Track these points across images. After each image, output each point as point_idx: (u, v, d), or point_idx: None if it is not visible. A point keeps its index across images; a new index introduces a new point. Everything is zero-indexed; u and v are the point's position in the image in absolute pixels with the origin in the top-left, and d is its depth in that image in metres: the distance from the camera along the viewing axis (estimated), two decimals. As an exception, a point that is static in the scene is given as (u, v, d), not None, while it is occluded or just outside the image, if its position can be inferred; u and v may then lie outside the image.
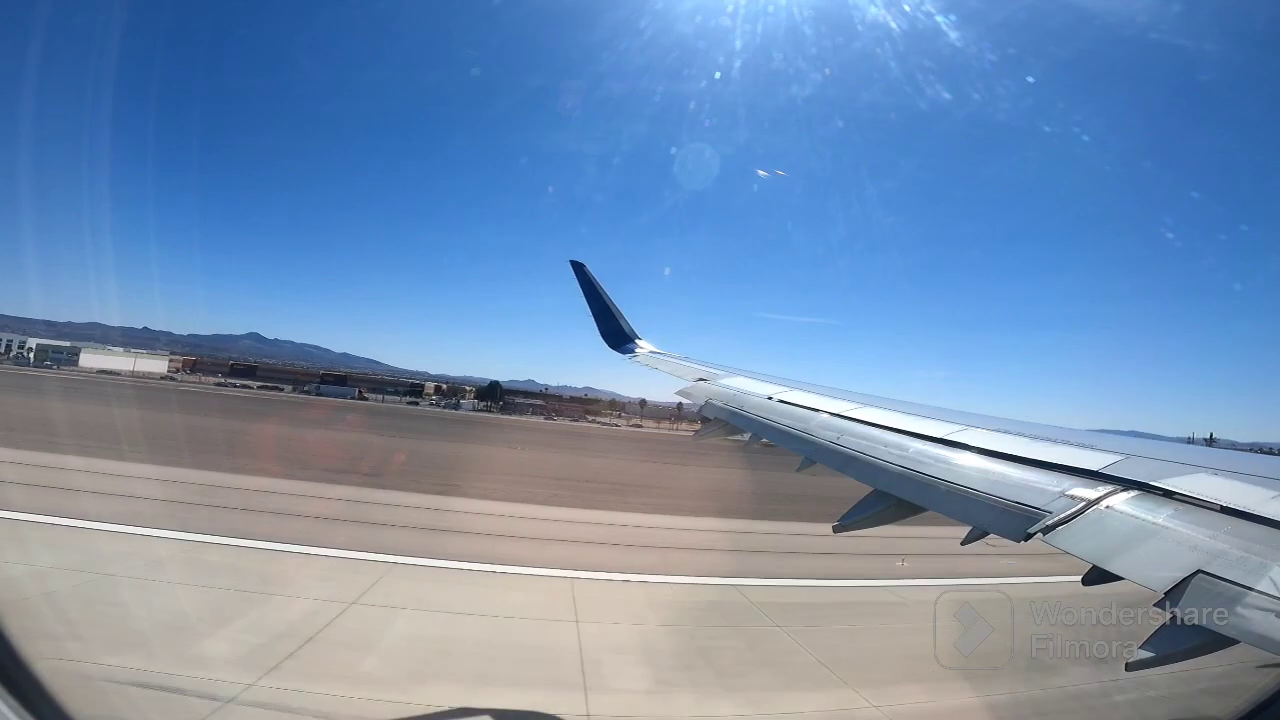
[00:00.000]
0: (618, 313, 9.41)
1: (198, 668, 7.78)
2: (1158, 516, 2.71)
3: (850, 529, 3.77)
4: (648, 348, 9.26)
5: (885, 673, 8.89)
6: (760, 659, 9.70)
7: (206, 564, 12.37)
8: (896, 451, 4.09)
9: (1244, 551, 2.34)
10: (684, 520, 21.90)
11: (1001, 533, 3.02)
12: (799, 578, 14.71)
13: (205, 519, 15.26)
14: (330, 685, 7.77)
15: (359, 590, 11.40)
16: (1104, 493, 2.97)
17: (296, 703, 7.24)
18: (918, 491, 3.60)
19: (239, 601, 10.42)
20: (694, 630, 10.89)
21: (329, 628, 9.69)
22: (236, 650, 8.55)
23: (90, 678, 7.02)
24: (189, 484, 19.50)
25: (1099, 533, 2.73)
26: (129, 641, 8.45)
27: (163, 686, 7.17)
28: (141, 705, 6.79)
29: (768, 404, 6.03)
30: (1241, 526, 2.54)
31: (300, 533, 15.53)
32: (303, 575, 12.21)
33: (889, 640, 10.60)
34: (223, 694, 7.18)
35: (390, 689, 7.89)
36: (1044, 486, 3.18)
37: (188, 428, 36.61)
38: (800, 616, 11.71)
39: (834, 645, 10.09)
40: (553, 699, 7.90)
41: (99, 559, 11.62)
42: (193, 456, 24.41)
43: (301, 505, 18.53)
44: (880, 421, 4.70)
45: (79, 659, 7.44)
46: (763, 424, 5.66)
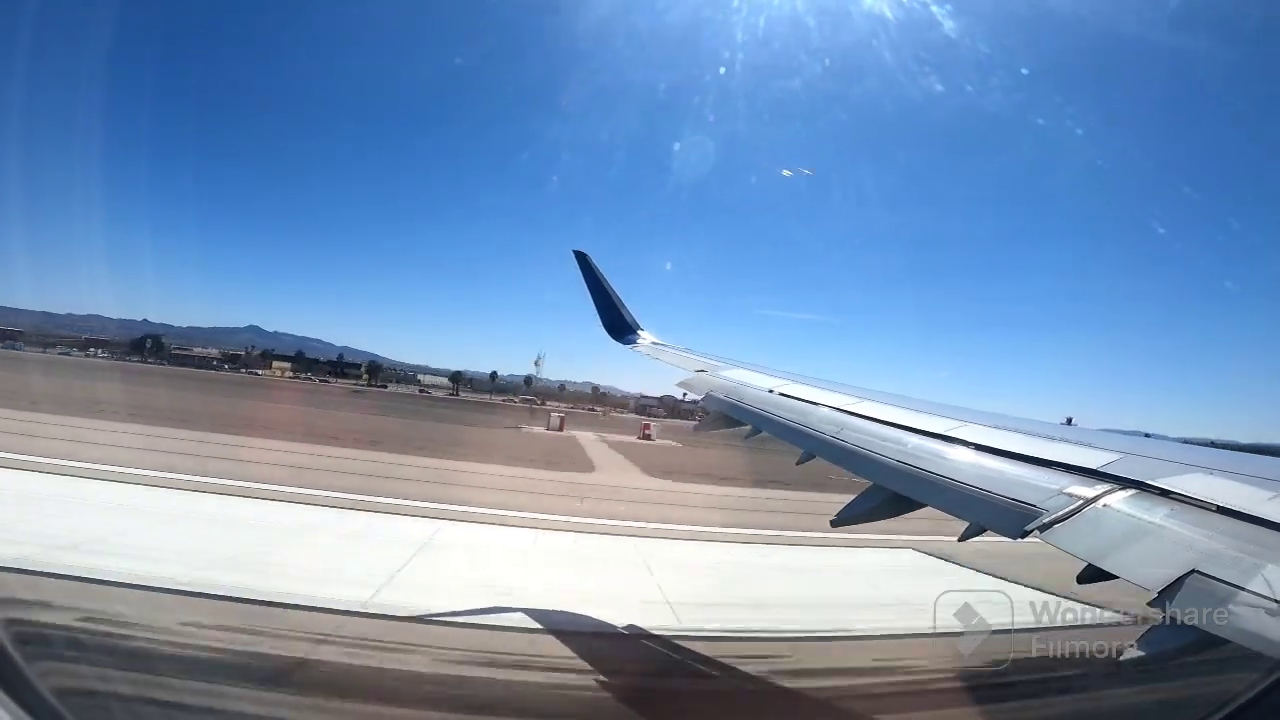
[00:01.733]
0: (620, 303, 9.36)
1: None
2: (1154, 516, 2.72)
3: (848, 523, 3.79)
4: (649, 339, 9.24)
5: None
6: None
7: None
8: (895, 446, 4.11)
9: (1239, 552, 2.35)
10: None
11: (998, 529, 3.04)
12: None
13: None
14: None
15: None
16: (1101, 491, 2.98)
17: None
18: (915, 487, 3.62)
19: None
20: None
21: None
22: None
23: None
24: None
25: (1095, 531, 2.74)
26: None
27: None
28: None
29: (768, 397, 6.04)
30: (1237, 527, 2.56)
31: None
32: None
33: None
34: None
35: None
36: (1041, 484, 3.20)
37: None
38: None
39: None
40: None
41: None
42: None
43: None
44: (879, 416, 4.71)
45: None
46: (763, 417, 5.66)
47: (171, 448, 17.64)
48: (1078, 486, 3.07)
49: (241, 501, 12.70)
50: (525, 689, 5.96)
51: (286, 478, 15.34)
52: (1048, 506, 2.96)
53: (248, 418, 31.33)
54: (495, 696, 5.75)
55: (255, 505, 12.51)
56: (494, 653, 6.53)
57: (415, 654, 6.36)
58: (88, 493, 11.78)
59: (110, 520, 10.19)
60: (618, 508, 16.42)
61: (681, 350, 8.74)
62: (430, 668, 6.09)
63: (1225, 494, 2.73)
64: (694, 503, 18.73)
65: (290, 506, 12.75)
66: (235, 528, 10.83)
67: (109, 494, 11.96)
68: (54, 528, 9.16)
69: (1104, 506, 2.88)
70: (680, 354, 8.58)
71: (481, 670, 6.20)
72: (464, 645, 6.70)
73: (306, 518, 12.10)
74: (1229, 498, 2.69)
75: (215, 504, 12.25)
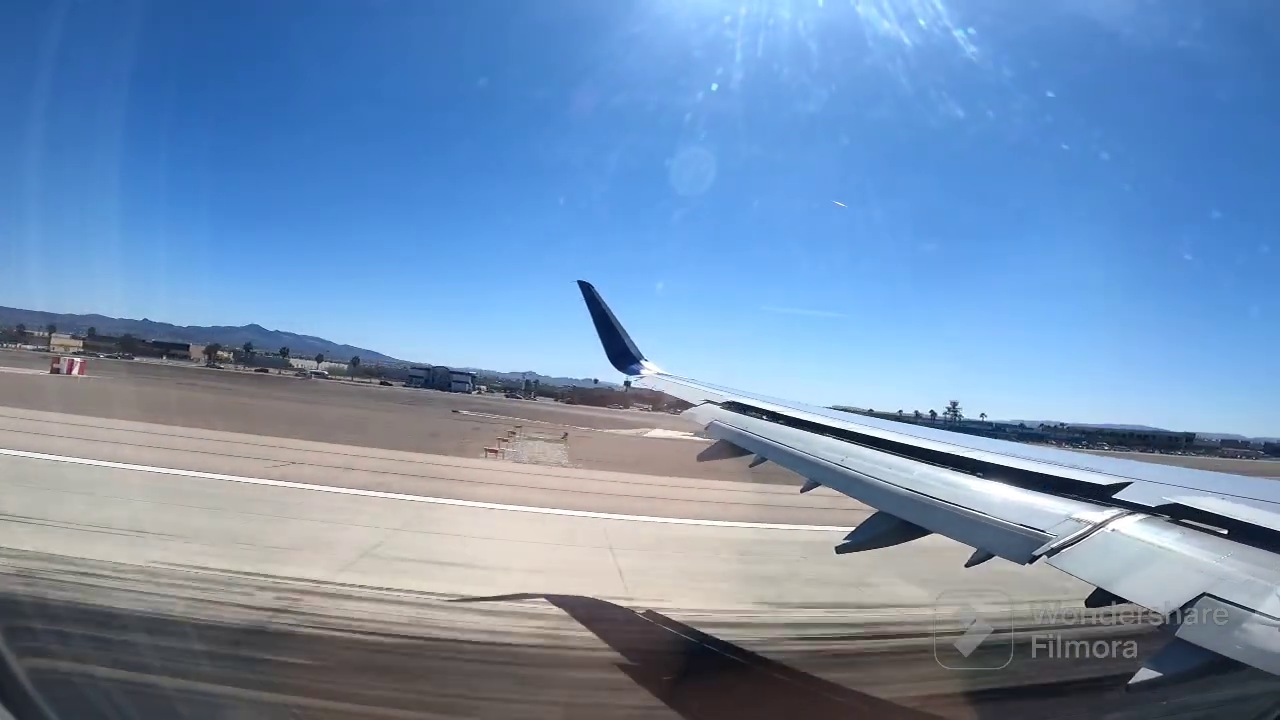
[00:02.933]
0: (624, 334, 9.45)
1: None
2: (1164, 539, 2.69)
3: (853, 550, 3.75)
4: (653, 369, 9.29)
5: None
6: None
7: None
8: (901, 474, 4.09)
9: (1250, 575, 2.32)
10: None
11: (1006, 555, 3.00)
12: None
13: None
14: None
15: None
16: (1109, 515, 2.95)
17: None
18: (921, 513, 3.59)
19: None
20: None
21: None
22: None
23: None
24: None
25: (1104, 556, 2.71)
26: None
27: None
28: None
29: (772, 426, 6.04)
30: (1248, 550, 2.53)
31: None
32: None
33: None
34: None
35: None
36: (1049, 509, 3.17)
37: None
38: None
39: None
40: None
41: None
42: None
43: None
44: (884, 440, 4.70)
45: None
46: (768, 445, 5.66)
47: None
48: (1086, 511, 3.04)
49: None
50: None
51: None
52: (1056, 532, 2.93)
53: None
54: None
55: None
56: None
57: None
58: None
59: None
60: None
61: (685, 381, 8.79)
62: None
63: (1236, 516, 2.70)
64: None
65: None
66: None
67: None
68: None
69: (1113, 531, 2.85)
70: (683, 384, 8.62)
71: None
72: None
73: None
74: (1241, 520, 2.66)
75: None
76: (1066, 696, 5.31)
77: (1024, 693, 5.28)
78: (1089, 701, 5.02)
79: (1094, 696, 4.81)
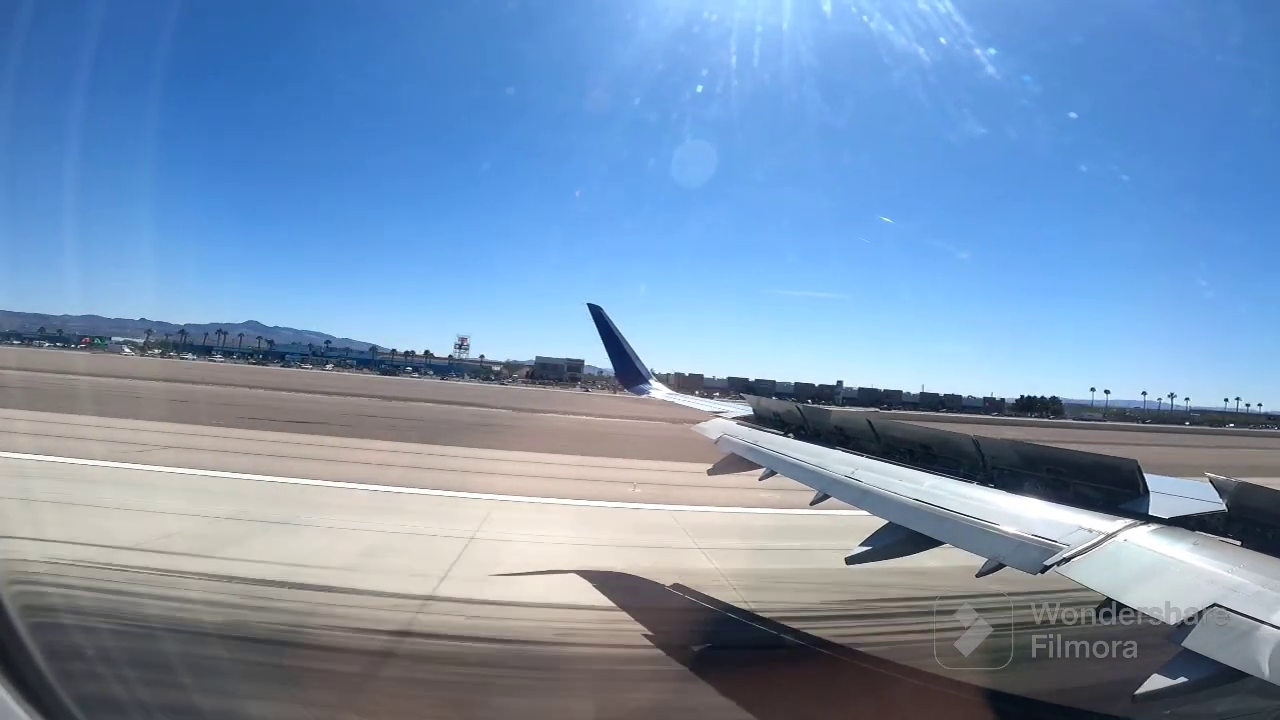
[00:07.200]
0: (633, 355, 9.52)
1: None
2: (1175, 550, 2.68)
3: (862, 560, 3.75)
4: (662, 390, 9.37)
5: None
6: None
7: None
8: (910, 485, 4.08)
9: (1263, 586, 2.30)
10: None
11: (1018, 565, 2.99)
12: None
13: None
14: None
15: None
16: (1121, 526, 2.95)
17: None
18: (932, 525, 3.59)
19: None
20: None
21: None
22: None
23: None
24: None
25: (1115, 565, 2.70)
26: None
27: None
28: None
29: (782, 439, 6.06)
30: (1261, 560, 2.51)
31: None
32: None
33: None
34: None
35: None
36: (1059, 519, 3.16)
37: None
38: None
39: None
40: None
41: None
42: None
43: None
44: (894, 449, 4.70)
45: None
46: (778, 459, 5.66)
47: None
48: (1096, 520, 3.03)
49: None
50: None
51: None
52: (1067, 541, 2.92)
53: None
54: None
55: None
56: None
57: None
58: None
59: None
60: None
61: (694, 397, 8.87)
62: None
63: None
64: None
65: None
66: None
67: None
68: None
69: (1124, 541, 2.84)
70: (694, 401, 8.70)
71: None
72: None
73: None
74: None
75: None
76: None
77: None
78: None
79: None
